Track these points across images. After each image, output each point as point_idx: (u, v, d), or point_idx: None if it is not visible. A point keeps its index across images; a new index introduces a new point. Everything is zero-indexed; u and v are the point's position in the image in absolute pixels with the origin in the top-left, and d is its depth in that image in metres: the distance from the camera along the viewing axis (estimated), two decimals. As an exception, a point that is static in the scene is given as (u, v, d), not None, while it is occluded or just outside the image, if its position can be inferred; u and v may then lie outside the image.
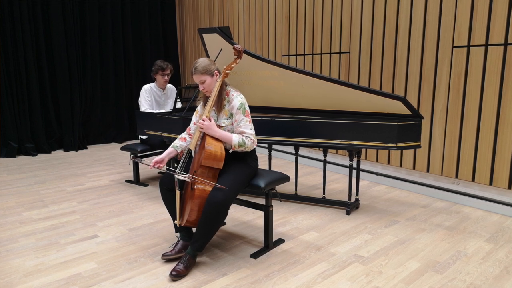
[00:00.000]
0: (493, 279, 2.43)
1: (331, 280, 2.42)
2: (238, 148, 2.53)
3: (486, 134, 3.53)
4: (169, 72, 4.35)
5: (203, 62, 2.59)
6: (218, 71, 2.63)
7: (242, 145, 2.53)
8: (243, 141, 2.52)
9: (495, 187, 3.53)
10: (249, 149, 2.58)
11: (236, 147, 2.52)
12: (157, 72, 4.30)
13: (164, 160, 2.68)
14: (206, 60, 2.61)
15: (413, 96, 4.01)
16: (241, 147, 2.53)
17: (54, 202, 3.82)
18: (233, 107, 2.59)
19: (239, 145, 2.52)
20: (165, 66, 4.29)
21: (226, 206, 2.43)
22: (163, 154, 2.71)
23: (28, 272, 2.51)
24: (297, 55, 5.22)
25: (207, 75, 2.57)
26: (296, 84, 3.57)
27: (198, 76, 2.57)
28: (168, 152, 2.74)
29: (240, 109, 2.57)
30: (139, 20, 7.08)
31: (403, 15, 4.00)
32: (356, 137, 3.22)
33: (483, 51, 3.47)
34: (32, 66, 5.88)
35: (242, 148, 2.54)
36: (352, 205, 3.54)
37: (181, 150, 2.81)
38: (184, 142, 2.80)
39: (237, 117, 2.58)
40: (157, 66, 4.29)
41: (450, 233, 3.09)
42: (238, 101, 2.59)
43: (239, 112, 2.57)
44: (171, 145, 2.78)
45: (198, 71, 2.56)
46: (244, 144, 2.53)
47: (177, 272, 2.42)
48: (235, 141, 2.51)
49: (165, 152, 2.74)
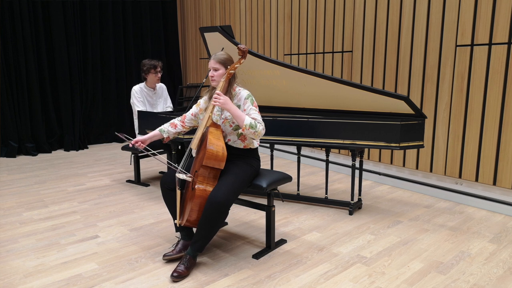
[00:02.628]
0: (497, 279, 2.41)
1: (333, 281, 2.40)
2: (249, 130, 2.43)
3: (489, 133, 3.50)
4: (160, 69, 4.33)
5: (225, 54, 2.63)
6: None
7: (253, 128, 2.43)
8: (255, 123, 2.45)
9: (498, 187, 3.50)
10: (258, 135, 2.47)
11: (247, 127, 2.43)
12: (149, 72, 4.25)
13: (146, 142, 2.68)
14: (228, 55, 2.64)
15: (416, 96, 3.98)
16: (251, 129, 2.43)
17: (55, 202, 3.80)
18: (241, 98, 2.59)
19: (250, 126, 2.43)
20: (157, 64, 4.27)
21: (227, 206, 2.41)
22: (146, 136, 2.70)
23: (28, 273, 2.49)
24: (299, 54, 5.20)
25: (223, 66, 2.59)
26: (298, 83, 3.55)
27: (215, 62, 2.59)
28: (152, 134, 2.73)
29: (248, 99, 2.58)
30: (140, 19, 7.06)
31: (406, 13, 3.98)
32: (359, 137, 3.20)
33: (487, 50, 3.45)
34: (33, 65, 5.86)
35: (252, 131, 2.44)
36: (354, 205, 3.52)
37: (168, 136, 2.77)
38: (173, 129, 2.76)
39: (245, 106, 2.56)
40: (148, 66, 4.24)
41: (454, 234, 3.06)
42: (246, 92, 2.61)
43: (247, 101, 2.57)
44: (159, 128, 2.76)
45: (217, 58, 2.60)
46: (255, 127, 2.44)
47: (178, 273, 2.40)
48: (247, 121, 2.43)
49: (150, 133, 2.73)
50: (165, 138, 2.78)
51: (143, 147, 2.66)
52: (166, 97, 4.55)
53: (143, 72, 4.29)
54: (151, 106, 4.41)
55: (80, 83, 6.43)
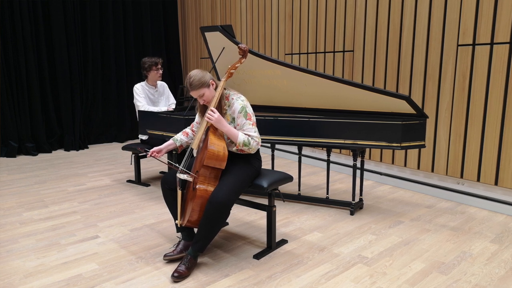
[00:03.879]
0: (499, 280, 2.40)
1: (334, 281, 2.39)
2: (242, 147, 2.50)
3: (491, 133, 3.49)
4: (161, 66, 4.34)
5: (196, 75, 2.47)
6: (213, 80, 2.55)
7: (247, 145, 2.49)
8: (248, 141, 2.49)
9: (500, 187, 3.49)
10: (252, 151, 2.55)
11: (240, 145, 2.49)
12: (150, 69, 4.26)
13: (162, 151, 2.70)
14: (199, 72, 2.49)
15: (418, 95, 3.97)
16: (245, 146, 2.49)
17: (55, 202, 3.80)
18: (234, 111, 2.54)
19: (244, 144, 2.48)
20: (157, 61, 4.28)
21: (228, 207, 2.40)
22: (162, 145, 2.73)
23: (28, 273, 2.49)
24: (300, 53, 5.18)
25: (204, 87, 2.49)
26: (299, 83, 3.54)
27: (196, 91, 2.49)
28: (167, 144, 2.75)
29: (242, 113, 2.52)
30: (140, 18, 7.05)
31: (407, 13, 3.97)
32: (360, 137, 3.19)
33: (489, 50, 3.43)
34: (33, 65, 5.86)
35: (246, 148, 2.51)
36: (356, 205, 3.50)
37: (181, 144, 2.80)
38: (185, 137, 2.79)
39: (239, 121, 2.54)
40: (149, 63, 4.25)
41: (455, 234, 3.05)
42: (239, 104, 2.53)
43: (240, 116, 2.53)
44: (172, 138, 2.79)
45: (195, 86, 2.46)
46: (249, 144, 2.49)
47: (179, 274, 2.39)
48: (241, 139, 2.47)
49: (165, 143, 2.76)
50: (179, 147, 2.81)
51: (159, 156, 2.68)
52: (168, 95, 4.54)
53: (144, 69, 4.29)
54: (153, 104, 4.40)
55: (80, 83, 6.42)
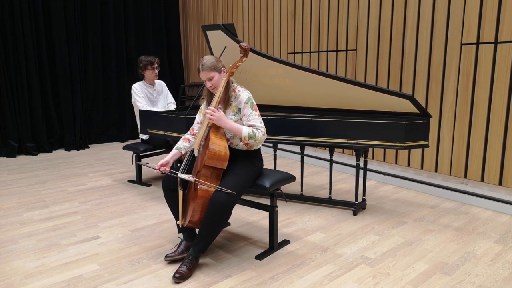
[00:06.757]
0: (503, 281, 2.38)
1: (337, 282, 2.37)
2: (249, 141, 2.47)
3: (495, 133, 3.47)
4: (157, 65, 4.31)
5: (210, 58, 2.57)
6: (224, 68, 2.62)
7: (253, 137, 2.46)
8: (254, 133, 2.47)
9: (504, 187, 3.47)
10: (259, 142, 2.52)
11: (246, 139, 2.47)
12: (145, 68, 4.25)
13: (169, 163, 2.65)
14: (213, 57, 2.60)
15: (421, 95, 3.95)
16: (251, 139, 2.46)
17: (55, 203, 3.78)
18: (241, 101, 2.56)
19: (250, 137, 2.46)
20: (153, 60, 4.27)
21: (230, 207, 2.39)
22: (167, 157, 2.68)
23: (28, 274, 2.47)
24: (302, 52, 5.16)
25: (215, 71, 2.55)
26: (301, 82, 3.52)
27: (207, 72, 2.54)
28: (172, 154, 2.71)
29: (248, 103, 2.55)
30: (141, 17, 7.04)
31: (410, 11, 3.94)
32: (363, 136, 3.17)
33: (493, 49, 3.41)
34: (33, 64, 5.84)
35: (253, 141, 2.48)
36: (359, 205, 3.48)
37: (185, 152, 2.77)
38: (187, 143, 2.76)
39: (245, 111, 2.55)
40: (144, 62, 4.24)
41: (459, 234, 3.03)
42: (246, 95, 2.57)
43: (247, 106, 2.54)
44: (175, 146, 2.74)
45: (206, 67, 2.54)
46: (255, 136, 2.47)
47: (180, 274, 2.38)
48: (245, 133, 2.46)
49: (170, 154, 2.71)
50: (183, 154, 2.77)
51: (168, 170, 2.60)
52: (167, 94, 4.52)
53: (139, 68, 4.28)
54: (152, 103, 4.39)
55: (81, 82, 6.40)
